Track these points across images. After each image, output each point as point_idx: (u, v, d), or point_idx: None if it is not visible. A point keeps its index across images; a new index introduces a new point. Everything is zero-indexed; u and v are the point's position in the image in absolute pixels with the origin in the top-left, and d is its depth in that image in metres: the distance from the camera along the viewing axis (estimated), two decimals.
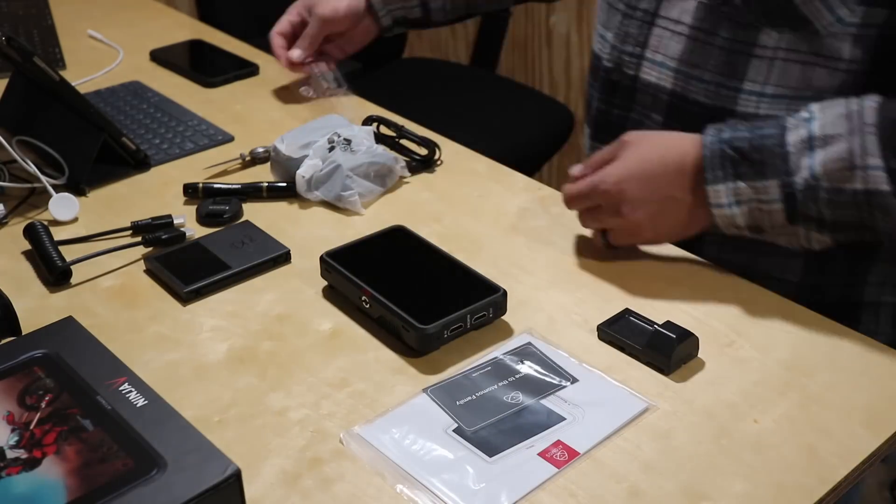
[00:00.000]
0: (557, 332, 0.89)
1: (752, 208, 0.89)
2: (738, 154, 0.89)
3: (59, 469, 0.67)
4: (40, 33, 1.61)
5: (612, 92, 1.08)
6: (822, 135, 0.86)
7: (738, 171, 0.89)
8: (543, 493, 0.72)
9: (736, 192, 0.89)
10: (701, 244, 1.01)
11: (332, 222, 1.07)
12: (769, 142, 0.88)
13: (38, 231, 1.01)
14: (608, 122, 1.09)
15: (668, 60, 1.01)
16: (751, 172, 0.88)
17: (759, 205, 0.89)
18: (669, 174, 0.92)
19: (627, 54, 1.05)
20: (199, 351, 0.88)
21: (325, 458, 0.76)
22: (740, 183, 0.89)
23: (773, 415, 0.79)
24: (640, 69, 1.04)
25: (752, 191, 0.89)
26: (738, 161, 0.89)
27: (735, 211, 0.90)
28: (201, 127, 1.28)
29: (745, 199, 0.89)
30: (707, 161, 0.90)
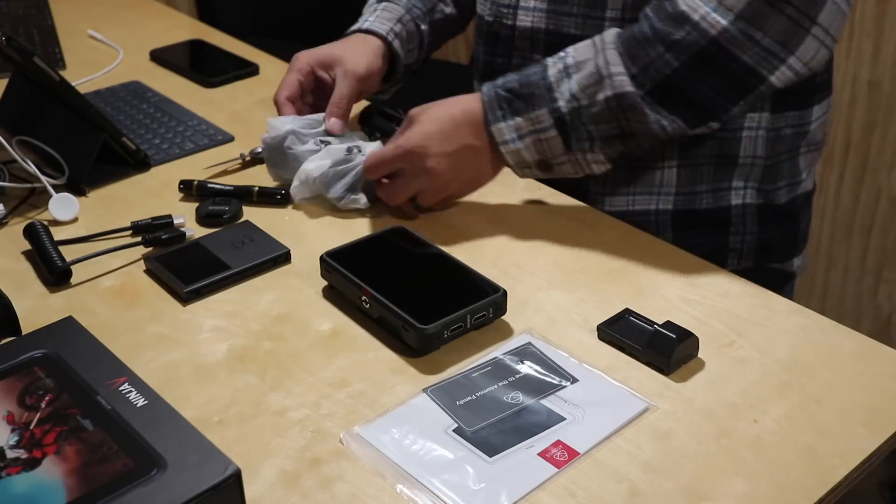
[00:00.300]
0: (557, 332, 0.89)
1: (533, 140, 1.01)
2: (510, 93, 1.02)
3: (59, 469, 0.67)
4: (40, 33, 1.61)
5: (495, 43, 1.16)
6: (574, 62, 1.00)
7: (514, 107, 1.01)
8: (543, 493, 0.72)
9: (517, 127, 1.01)
10: (585, 194, 1.12)
11: (332, 222, 1.07)
12: (534, 77, 1.01)
13: (38, 231, 1.01)
14: (494, 72, 1.14)
15: (540, 3, 1.10)
16: (524, 106, 1.01)
17: (538, 135, 1.01)
18: (461, 126, 1.02)
19: (504, 6, 1.14)
20: (199, 351, 0.88)
21: (325, 458, 0.76)
22: (517, 119, 1.01)
23: (773, 415, 0.79)
24: (517, 18, 1.13)
25: (528, 123, 1.01)
26: (511, 99, 1.01)
27: (520, 145, 1.02)
28: (201, 127, 1.28)
29: (526, 132, 1.01)
30: (486, 105, 1.02)
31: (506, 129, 1.01)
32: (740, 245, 1.14)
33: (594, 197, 1.12)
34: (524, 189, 1.12)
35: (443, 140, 1.02)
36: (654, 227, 1.12)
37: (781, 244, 1.17)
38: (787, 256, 1.18)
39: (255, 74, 1.45)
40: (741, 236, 1.14)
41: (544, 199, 1.10)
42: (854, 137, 1.98)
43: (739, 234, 1.13)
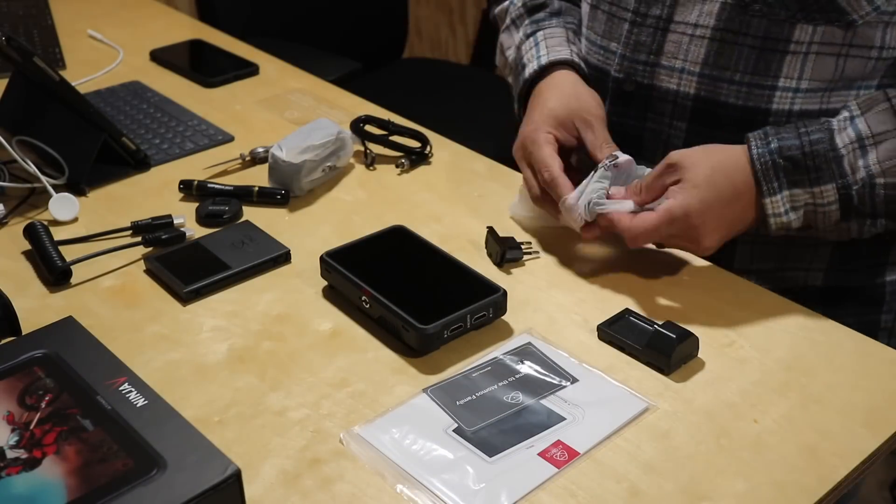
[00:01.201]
0: (557, 332, 0.89)
1: (807, 211, 0.91)
2: (791, 163, 0.90)
3: (59, 469, 0.67)
4: (40, 33, 1.61)
5: (626, 103, 1.05)
6: (871, 133, 0.89)
7: (793, 179, 0.90)
8: (543, 493, 0.72)
9: (792, 198, 0.90)
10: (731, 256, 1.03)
11: (332, 222, 1.07)
12: (820, 147, 0.90)
13: (38, 231, 1.00)
14: (623, 133, 1.04)
15: (690, 65, 0.98)
16: (806, 180, 0.90)
17: (815, 207, 0.91)
18: (743, 200, 0.91)
19: (640, 63, 1.02)
20: (199, 351, 0.88)
21: (325, 458, 0.76)
22: (796, 190, 0.90)
23: (773, 415, 0.79)
24: (655, 77, 1.01)
25: (808, 196, 0.90)
26: (791, 170, 0.90)
27: (791, 217, 0.91)
28: (201, 127, 1.28)
29: (801, 204, 0.91)
30: (760, 174, 0.90)
31: (780, 202, 0.90)
32: (892, 323, 1.07)
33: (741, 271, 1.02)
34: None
35: (721, 215, 0.90)
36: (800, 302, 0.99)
37: None
38: None
39: (255, 74, 1.45)
40: (893, 314, 1.06)
41: None
42: None
43: (892, 311, 1.05)
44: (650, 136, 1.04)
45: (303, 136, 1.13)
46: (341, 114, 1.32)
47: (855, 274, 1.04)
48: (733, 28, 0.95)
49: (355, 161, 1.20)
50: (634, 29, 1.02)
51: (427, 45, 2.87)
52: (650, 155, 1.03)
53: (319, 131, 1.14)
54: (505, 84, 1.24)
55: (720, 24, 0.96)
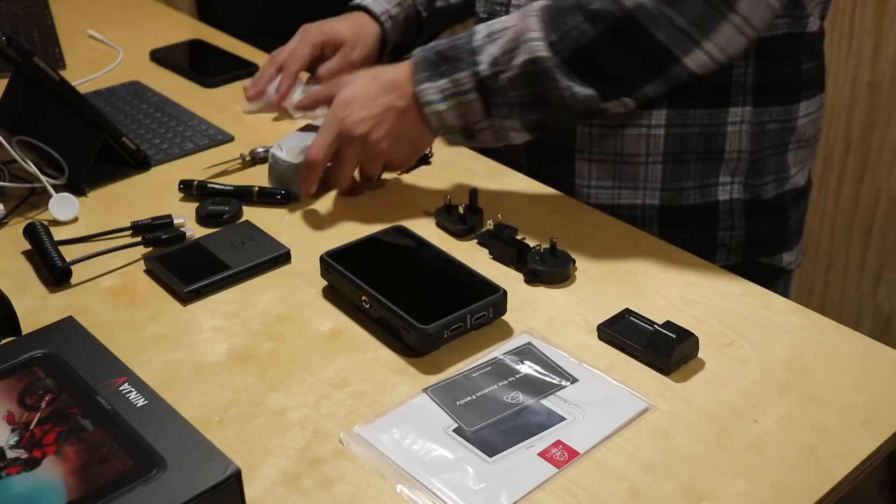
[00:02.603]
0: (557, 332, 0.89)
1: (456, 103, 1.02)
2: (437, 55, 1.03)
3: (59, 469, 0.67)
4: (40, 33, 1.61)
5: None
6: (500, 28, 1.02)
7: (440, 69, 1.02)
8: (543, 493, 0.72)
9: (440, 89, 1.02)
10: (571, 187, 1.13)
11: (332, 222, 1.07)
12: (461, 41, 1.03)
13: (38, 231, 1.01)
14: None
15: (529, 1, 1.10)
16: (449, 68, 1.02)
17: (459, 98, 1.02)
18: (383, 87, 1.04)
19: (497, 4, 1.16)
20: (199, 351, 0.88)
21: (325, 458, 0.76)
22: (441, 80, 1.02)
23: (773, 415, 0.79)
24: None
25: (452, 84, 1.02)
26: (437, 61, 1.03)
27: (442, 106, 1.02)
28: (201, 127, 1.28)
29: (449, 94, 1.02)
30: (414, 67, 1.03)
31: (430, 91, 1.02)
32: (728, 240, 1.15)
33: (579, 189, 1.14)
34: (524, 189, 1.13)
35: (364, 103, 1.03)
36: (640, 221, 1.13)
37: (769, 239, 1.18)
38: (775, 251, 1.19)
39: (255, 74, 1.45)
40: (729, 231, 1.14)
41: (544, 199, 1.10)
42: (854, 137, 1.98)
43: (727, 229, 1.14)
44: None
45: (302, 136, 1.14)
46: None
47: (688, 193, 1.12)
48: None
49: None
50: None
51: None
52: None
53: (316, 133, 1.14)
54: None
55: None
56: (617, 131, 1.10)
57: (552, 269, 0.95)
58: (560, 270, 0.95)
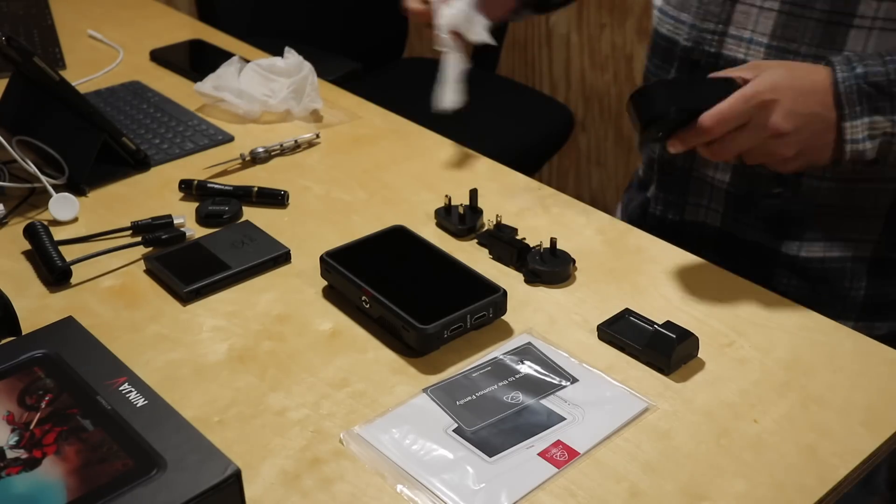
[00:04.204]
0: (557, 332, 0.89)
1: (883, 142, 0.90)
2: (875, 89, 0.89)
3: (59, 469, 0.67)
4: (40, 33, 1.61)
5: (694, 71, 1.07)
6: None
7: (875, 105, 0.89)
8: (543, 493, 0.72)
9: (871, 126, 0.90)
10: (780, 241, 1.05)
11: (333, 222, 1.07)
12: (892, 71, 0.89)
13: (38, 231, 1.00)
14: None
15: (758, 36, 1.00)
16: (888, 107, 0.89)
17: (893, 137, 0.90)
18: (819, 92, 0.90)
19: (709, 32, 1.04)
20: (199, 351, 0.88)
21: (325, 458, 0.76)
22: (876, 117, 0.89)
23: (773, 415, 0.79)
24: (723, 46, 1.03)
25: (889, 124, 0.89)
26: (875, 96, 0.89)
27: (867, 146, 0.90)
28: (201, 127, 1.28)
29: (879, 133, 0.90)
30: (844, 96, 0.89)
31: (860, 128, 0.90)
32: None
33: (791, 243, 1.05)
34: (524, 189, 1.13)
35: (796, 97, 0.89)
36: (848, 274, 1.05)
37: None
38: None
39: None
40: None
41: (544, 200, 1.10)
42: None
43: None
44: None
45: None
46: (341, 114, 1.32)
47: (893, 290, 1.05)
48: (799, 2, 0.97)
49: (355, 160, 1.20)
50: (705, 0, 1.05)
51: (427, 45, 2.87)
52: None
53: None
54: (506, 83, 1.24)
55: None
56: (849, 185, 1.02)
57: (552, 269, 0.95)
58: (560, 270, 0.95)
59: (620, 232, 1.04)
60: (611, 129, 2.46)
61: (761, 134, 0.89)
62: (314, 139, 1.24)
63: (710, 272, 0.97)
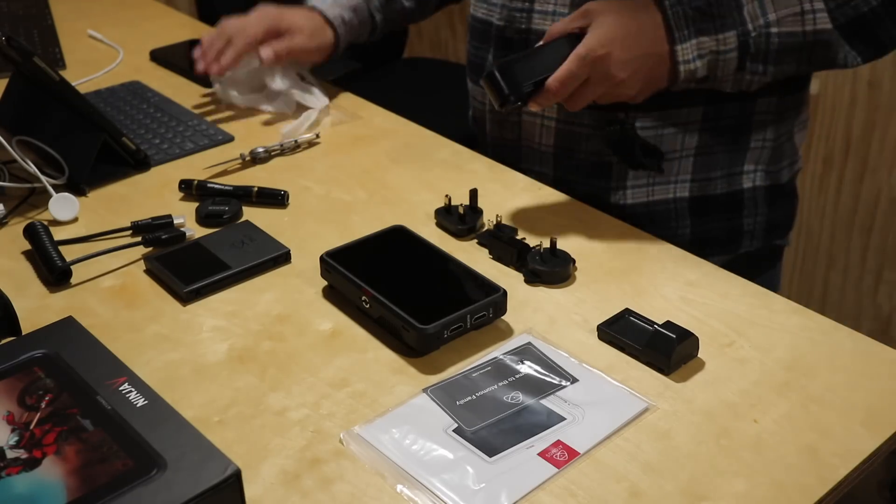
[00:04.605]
0: (557, 332, 0.89)
1: (710, 60, 1.01)
2: (699, 13, 1.00)
3: (59, 469, 0.67)
4: (40, 33, 1.61)
5: (509, 47, 1.15)
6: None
7: (700, 26, 1.00)
8: (543, 493, 0.72)
9: (699, 46, 1.00)
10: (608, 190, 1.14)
11: (333, 222, 1.07)
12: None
13: (38, 231, 1.01)
14: None
15: (560, 7, 1.11)
16: (711, 27, 1.00)
17: (718, 55, 1.01)
18: (647, 32, 1.00)
19: (517, 10, 1.14)
20: (199, 351, 0.88)
21: (325, 458, 0.76)
22: (702, 38, 1.00)
23: (773, 415, 0.79)
24: (531, 22, 1.13)
25: (713, 42, 1.00)
26: (699, 18, 1.00)
27: (698, 64, 1.01)
28: (201, 127, 1.28)
29: (707, 52, 1.01)
30: (671, 21, 1.00)
31: (690, 49, 1.00)
32: (753, 226, 1.18)
33: (614, 193, 1.15)
34: (524, 189, 1.13)
35: (626, 46, 0.99)
36: (672, 216, 1.15)
37: (785, 221, 1.23)
38: (786, 232, 1.24)
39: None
40: (753, 218, 1.17)
41: (544, 200, 1.10)
42: (854, 137, 1.98)
43: (752, 215, 1.18)
44: None
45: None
46: (341, 114, 1.32)
47: (716, 183, 1.15)
48: None
49: (355, 160, 1.20)
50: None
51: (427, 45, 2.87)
52: None
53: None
54: None
55: None
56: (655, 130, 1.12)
57: (552, 269, 0.95)
58: (560, 270, 0.95)
59: (620, 232, 1.04)
60: None
61: (604, 84, 1.00)
62: (314, 139, 1.25)
63: (710, 272, 0.97)
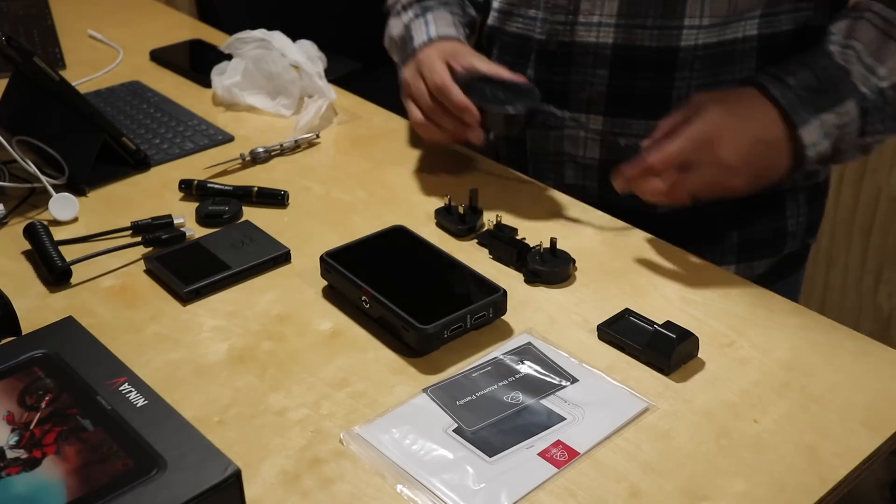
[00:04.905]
0: (557, 332, 0.89)
1: (836, 135, 0.97)
2: (812, 92, 0.96)
3: (59, 469, 0.67)
4: (40, 33, 1.61)
5: (551, 62, 1.12)
6: (863, 47, 0.97)
7: (818, 104, 0.96)
8: (543, 493, 0.72)
9: (822, 124, 0.96)
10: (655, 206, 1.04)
11: (332, 222, 1.07)
12: (831, 70, 0.97)
13: (38, 231, 1.00)
14: (550, 90, 1.12)
15: (606, 18, 1.07)
16: (828, 102, 0.96)
17: (842, 128, 0.97)
18: (759, 118, 0.96)
19: (560, 24, 1.10)
20: (199, 351, 0.88)
21: (325, 458, 0.76)
22: (824, 115, 0.96)
23: (773, 415, 0.79)
24: (575, 34, 1.09)
25: (835, 117, 0.96)
26: (815, 98, 0.96)
27: (825, 144, 0.97)
28: (201, 127, 1.28)
29: (831, 128, 0.96)
30: (788, 109, 0.95)
31: (814, 130, 0.96)
32: (795, 227, 1.17)
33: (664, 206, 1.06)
34: (524, 189, 1.12)
35: (739, 129, 0.95)
36: (721, 223, 1.13)
37: (818, 219, 1.22)
38: (816, 230, 1.23)
39: None
40: (796, 218, 1.17)
41: (544, 200, 1.10)
42: None
43: (794, 216, 1.17)
44: (574, 86, 1.12)
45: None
46: (341, 114, 1.32)
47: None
48: None
49: (355, 160, 1.20)
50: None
51: None
52: (575, 104, 1.12)
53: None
54: None
55: None
56: None
57: (552, 269, 0.95)
58: (560, 270, 0.95)
59: (620, 232, 1.04)
60: None
61: (712, 171, 0.94)
62: (314, 139, 1.25)
63: (710, 272, 0.97)
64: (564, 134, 1.15)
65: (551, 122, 1.12)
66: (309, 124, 1.25)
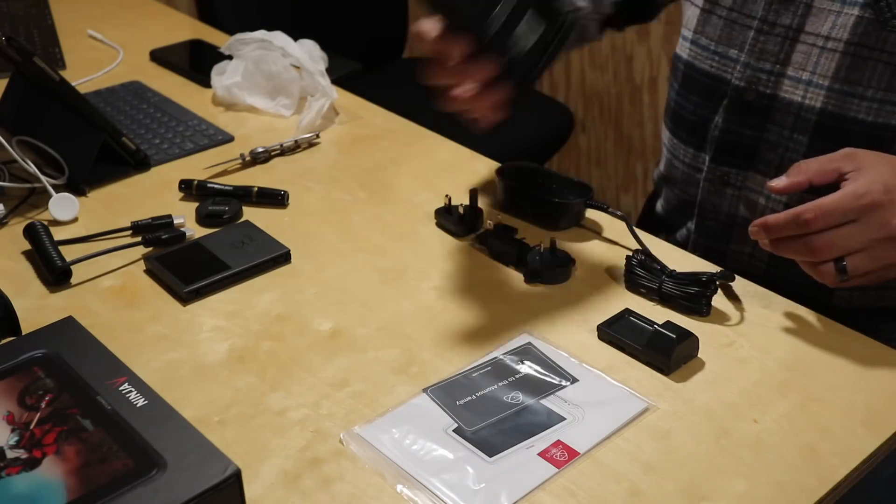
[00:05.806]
0: (557, 332, 0.89)
1: None
2: None
3: (59, 469, 0.67)
4: (40, 33, 1.61)
5: (745, 112, 1.02)
6: None
7: None
8: (543, 493, 0.72)
9: None
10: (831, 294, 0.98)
11: (332, 222, 1.07)
12: None
13: (38, 231, 1.00)
14: (737, 143, 1.03)
15: (819, 78, 0.96)
16: None
17: None
18: None
19: (765, 72, 0.99)
20: (199, 351, 0.88)
21: (325, 458, 0.76)
22: None
23: (773, 415, 0.79)
24: (779, 87, 0.99)
25: None
26: None
27: None
28: (201, 127, 1.28)
29: None
30: None
31: None
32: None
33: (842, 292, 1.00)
34: None
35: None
36: None
37: None
38: None
39: None
40: None
41: None
42: None
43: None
44: (767, 147, 1.01)
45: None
46: (341, 114, 1.32)
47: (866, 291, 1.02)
48: (868, 43, 0.92)
49: (355, 160, 1.20)
50: (761, 37, 0.99)
51: None
52: (764, 167, 1.02)
53: None
54: None
55: (854, 38, 0.93)
56: None
57: (552, 269, 0.95)
58: (560, 270, 0.95)
59: (620, 231, 1.04)
60: (611, 130, 2.46)
61: (873, 235, 0.82)
62: (314, 139, 1.25)
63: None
64: (741, 194, 1.03)
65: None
66: (311, 123, 1.25)
